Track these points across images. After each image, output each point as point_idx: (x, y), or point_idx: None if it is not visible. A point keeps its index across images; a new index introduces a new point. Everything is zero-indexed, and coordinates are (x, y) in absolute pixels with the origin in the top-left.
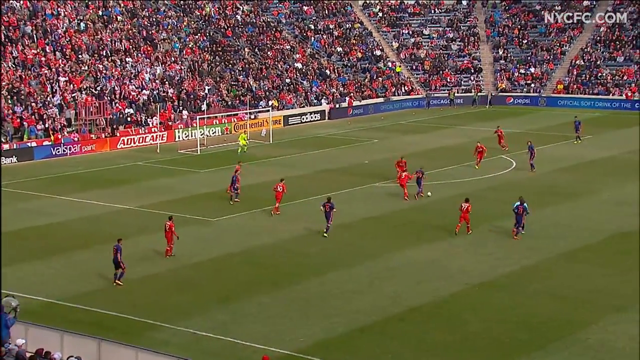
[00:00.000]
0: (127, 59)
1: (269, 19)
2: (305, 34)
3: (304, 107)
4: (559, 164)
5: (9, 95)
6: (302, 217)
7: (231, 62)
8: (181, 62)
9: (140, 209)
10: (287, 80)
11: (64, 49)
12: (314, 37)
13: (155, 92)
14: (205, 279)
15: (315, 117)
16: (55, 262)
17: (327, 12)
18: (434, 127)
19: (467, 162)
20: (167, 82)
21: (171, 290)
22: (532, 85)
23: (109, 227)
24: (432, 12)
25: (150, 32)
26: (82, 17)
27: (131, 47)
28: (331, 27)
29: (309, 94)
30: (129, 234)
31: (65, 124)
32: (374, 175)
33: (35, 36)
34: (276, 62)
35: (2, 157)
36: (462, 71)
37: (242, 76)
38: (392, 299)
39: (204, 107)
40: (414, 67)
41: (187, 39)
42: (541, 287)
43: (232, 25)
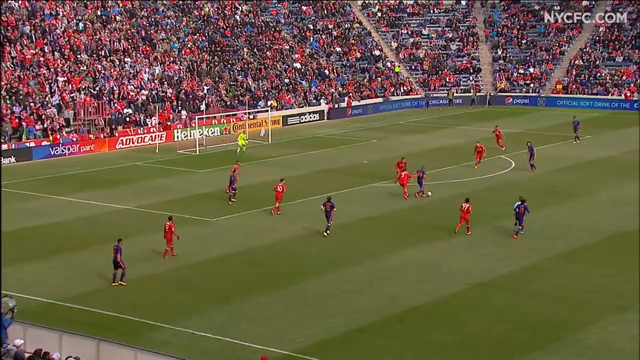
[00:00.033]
0: (126, 59)
1: (267, 19)
2: (304, 34)
3: (302, 107)
4: (558, 164)
5: (8, 95)
6: (301, 217)
7: (230, 62)
8: (180, 62)
9: (139, 209)
10: (286, 80)
11: (62, 49)
12: (312, 37)
13: (154, 92)
14: (204, 279)
15: (314, 117)
16: (53, 262)
17: (326, 12)
18: (433, 127)
19: (466, 162)
20: (166, 82)
21: (170, 290)
22: (531, 85)
23: (108, 228)
24: (431, 12)
25: (149, 32)
26: (80, 17)
27: (130, 47)
28: (330, 27)
29: (308, 94)
30: (127, 234)
31: (63, 124)
32: (373, 175)
33: (33, 36)
34: (275, 62)
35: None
36: (461, 71)
37: (241, 76)
38: (391, 299)
39: (202, 107)
40: (413, 67)
41: (186, 39)
42: (540, 287)
43: (231, 25)
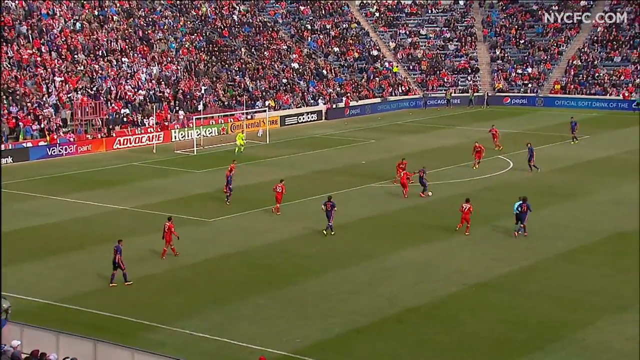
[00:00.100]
0: (123, 59)
1: (265, 19)
2: (301, 34)
3: (300, 107)
4: (556, 164)
5: (5, 95)
6: (299, 217)
7: (228, 62)
8: (177, 62)
9: (136, 210)
10: (284, 80)
11: (59, 49)
12: (310, 37)
13: (151, 92)
14: (201, 279)
15: (312, 117)
16: (50, 262)
17: (323, 12)
18: (431, 127)
19: (464, 163)
20: (163, 82)
21: (167, 291)
22: (529, 85)
23: (105, 228)
24: (429, 12)
25: (146, 32)
26: (77, 17)
27: (127, 47)
28: (328, 27)
29: (306, 94)
30: (124, 235)
31: (60, 124)
32: (371, 175)
33: (30, 36)
34: (273, 62)
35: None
36: (459, 71)
37: (238, 76)
38: (389, 299)
39: (200, 108)
40: (411, 67)
41: (184, 39)
42: (539, 287)
43: (228, 25)
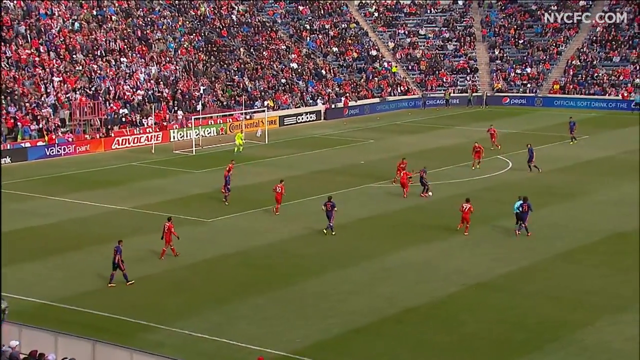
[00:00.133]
0: (122, 59)
1: (264, 19)
2: (300, 34)
3: (299, 107)
4: (555, 164)
5: (3, 95)
6: (298, 217)
7: (226, 62)
8: (176, 62)
9: (135, 210)
10: (283, 80)
11: (58, 49)
12: (309, 37)
13: (150, 92)
14: (200, 280)
15: (311, 117)
16: (49, 263)
17: (322, 12)
18: (430, 127)
19: (463, 163)
20: (162, 82)
21: (166, 291)
22: (528, 85)
23: (103, 228)
24: (428, 12)
25: (145, 32)
26: (76, 17)
27: (126, 47)
28: (327, 27)
29: (305, 94)
30: (123, 235)
31: (59, 124)
32: (370, 175)
33: (29, 36)
34: (272, 62)
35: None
36: (458, 71)
37: (237, 76)
38: (388, 299)
39: (199, 108)
40: (410, 67)
41: (182, 39)
42: (538, 287)
43: (227, 25)
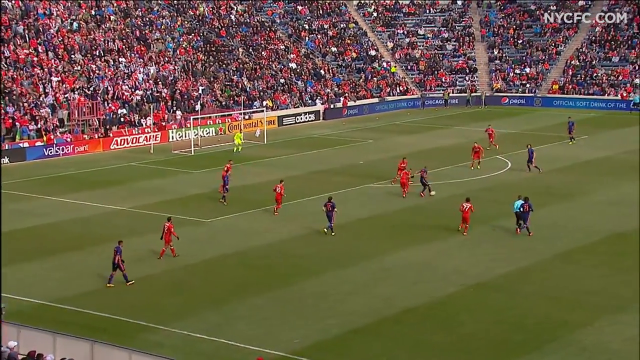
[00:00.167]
0: (120, 59)
1: (263, 19)
2: (299, 34)
3: (298, 107)
4: (554, 164)
5: (1, 95)
6: (296, 218)
7: (225, 62)
8: (175, 62)
9: (133, 210)
10: (282, 80)
11: (56, 49)
12: (308, 37)
13: (148, 92)
14: (199, 280)
15: (309, 117)
16: (47, 263)
17: (321, 11)
18: (428, 127)
19: (462, 163)
20: (160, 82)
21: (165, 291)
22: (528, 85)
23: (102, 229)
24: (427, 12)
25: (143, 32)
26: (74, 17)
27: (124, 47)
28: (326, 27)
29: (304, 94)
30: (122, 236)
31: (57, 124)
32: (369, 175)
33: (27, 36)
34: (270, 62)
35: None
36: (457, 71)
37: (236, 76)
38: (387, 300)
39: (197, 108)
40: (409, 67)
41: (181, 39)
42: (537, 288)
43: (226, 25)
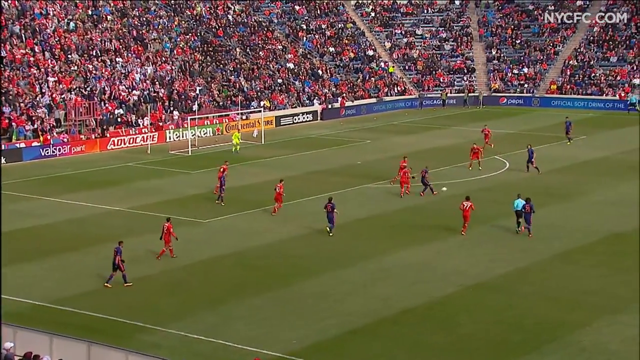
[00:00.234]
0: (117, 59)
1: (260, 19)
2: (297, 34)
3: (296, 107)
4: (552, 164)
5: None
6: (295, 218)
7: (222, 62)
8: (172, 62)
9: (131, 211)
10: (279, 80)
11: (53, 49)
12: (306, 37)
13: (145, 92)
14: (196, 281)
15: (307, 117)
16: (44, 264)
17: (319, 11)
18: (426, 127)
19: (460, 163)
20: (157, 82)
21: (162, 292)
22: (526, 85)
23: (99, 229)
24: (425, 12)
25: (140, 32)
26: (71, 17)
27: (121, 47)
28: (323, 27)
29: (301, 94)
30: (119, 236)
31: (54, 124)
32: (367, 176)
33: (23, 36)
34: (268, 62)
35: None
36: (455, 71)
37: (233, 76)
38: (385, 300)
39: (195, 108)
40: (407, 67)
41: (178, 39)
42: (536, 288)
43: (223, 25)
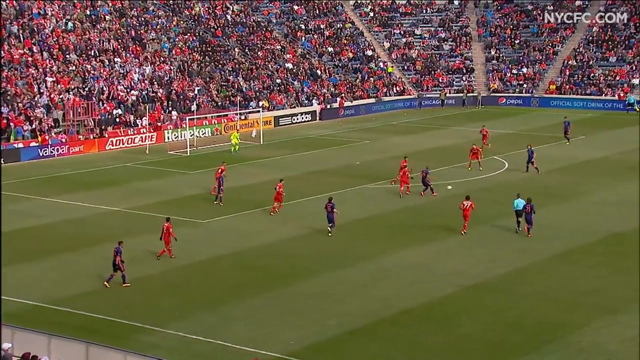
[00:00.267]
0: (116, 59)
1: (259, 19)
2: (295, 34)
3: (294, 107)
4: (552, 164)
5: None
6: (293, 218)
7: (221, 62)
8: (170, 62)
9: (129, 211)
10: (278, 80)
11: (51, 49)
12: (304, 37)
13: (144, 92)
14: (194, 281)
15: (306, 117)
16: (42, 264)
17: (318, 11)
18: (425, 127)
19: (459, 163)
20: (156, 82)
21: (160, 292)
22: (525, 85)
23: (97, 229)
24: (424, 12)
25: (139, 32)
26: (69, 17)
27: (120, 47)
28: (322, 27)
29: (300, 94)
30: (118, 236)
31: (52, 124)
32: (366, 176)
33: (21, 36)
34: (266, 62)
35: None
36: (454, 71)
37: (232, 76)
38: (384, 301)
39: (193, 108)
40: (406, 67)
41: (177, 39)
42: (535, 288)
43: (222, 25)
